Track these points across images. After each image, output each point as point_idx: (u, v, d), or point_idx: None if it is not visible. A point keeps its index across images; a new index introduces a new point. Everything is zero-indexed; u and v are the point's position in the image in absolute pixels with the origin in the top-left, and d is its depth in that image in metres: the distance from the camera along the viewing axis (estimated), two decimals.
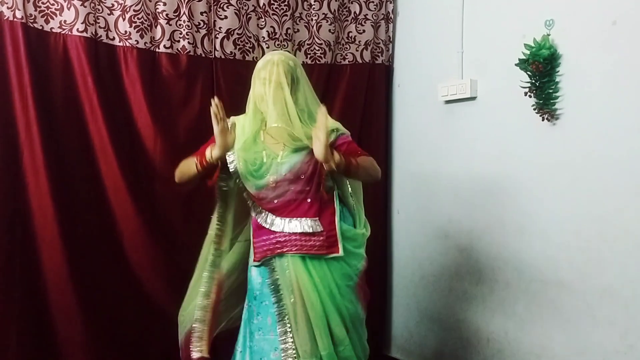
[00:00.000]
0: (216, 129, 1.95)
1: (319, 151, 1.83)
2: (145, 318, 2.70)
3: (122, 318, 2.65)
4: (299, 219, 1.99)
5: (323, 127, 1.81)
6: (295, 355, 1.94)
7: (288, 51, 2.89)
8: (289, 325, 1.96)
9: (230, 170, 2.05)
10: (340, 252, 2.01)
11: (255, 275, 2.07)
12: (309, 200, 2.00)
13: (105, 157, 2.59)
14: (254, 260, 2.07)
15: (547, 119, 2.33)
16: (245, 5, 2.89)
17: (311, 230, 1.98)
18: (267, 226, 2.02)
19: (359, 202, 2.17)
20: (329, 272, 2.00)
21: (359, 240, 2.11)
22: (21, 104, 2.40)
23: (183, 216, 2.80)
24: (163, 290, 2.73)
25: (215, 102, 1.94)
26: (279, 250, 1.99)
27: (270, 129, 2.01)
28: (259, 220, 2.04)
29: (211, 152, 1.99)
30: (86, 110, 2.56)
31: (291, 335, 1.96)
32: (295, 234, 1.98)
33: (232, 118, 2.09)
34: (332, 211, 2.04)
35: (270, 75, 1.95)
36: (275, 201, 2.00)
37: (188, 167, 2.07)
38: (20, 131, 2.41)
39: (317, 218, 2.00)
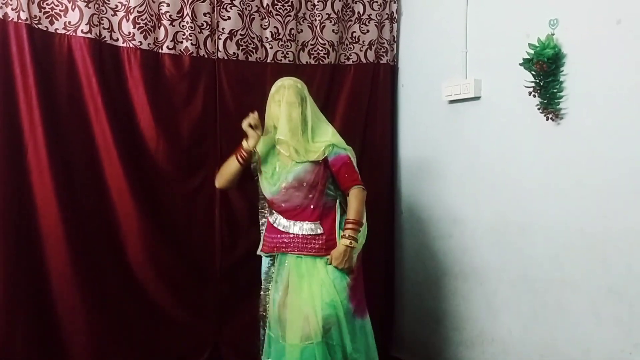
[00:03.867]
0: (247, 124, 2.28)
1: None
2: (148, 317, 2.71)
3: (125, 317, 2.66)
4: (302, 222, 2.29)
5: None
6: (282, 339, 2.24)
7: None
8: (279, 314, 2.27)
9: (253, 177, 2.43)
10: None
11: (264, 263, 2.43)
12: (312, 206, 2.29)
13: (109, 157, 2.60)
14: (262, 250, 2.40)
15: (551, 118, 2.33)
16: (248, 6, 2.89)
17: (312, 233, 2.27)
18: (277, 226, 2.32)
19: None
20: (323, 270, 2.25)
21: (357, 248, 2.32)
22: (26, 105, 2.41)
23: (185, 215, 2.81)
24: (166, 289, 2.74)
25: (254, 115, 2.29)
26: (283, 249, 2.31)
27: (278, 140, 2.28)
28: (270, 220, 2.36)
29: (247, 143, 2.30)
30: (90, 110, 2.57)
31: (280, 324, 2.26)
32: (297, 235, 2.28)
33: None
34: (334, 218, 2.32)
35: (282, 96, 2.29)
36: (283, 205, 2.30)
37: (228, 165, 2.37)
38: (24, 131, 2.42)
39: (318, 222, 2.29)
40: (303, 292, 2.23)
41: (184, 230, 2.81)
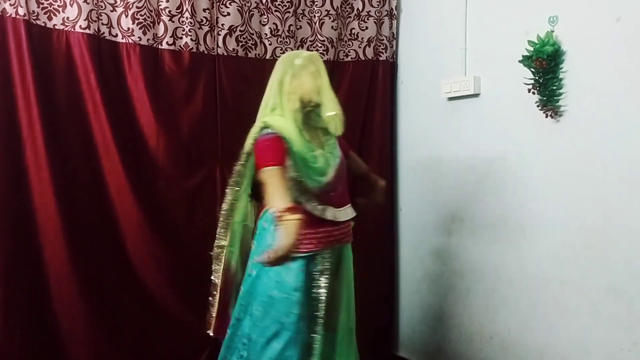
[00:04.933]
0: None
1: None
2: (147, 314, 2.70)
3: (124, 314, 2.65)
4: (346, 207, 2.15)
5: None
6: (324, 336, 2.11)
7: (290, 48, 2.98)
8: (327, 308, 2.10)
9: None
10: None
11: (298, 267, 2.04)
12: (346, 190, 2.19)
13: (108, 153, 2.59)
14: (306, 250, 2.03)
15: (550, 115, 2.33)
16: (247, 2, 2.88)
17: (352, 216, 2.17)
18: (327, 217, 2.06)
19: None
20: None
21: None
22: (24, 101, 2.40)
23: (185, 213, 2.80)
24: (165, 286, 2.73)
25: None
26: (345, 240, 2.18)
27: (328, 117, 2.05)
28: (317, 213, 2.04)
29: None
30: (89, 107, 2.55)
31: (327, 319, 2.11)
32: (347, 222, 2.16)
33: (277, 127, 2.02)
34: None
35: (319, 68, 2.05)
36: (332, 193, 2.09)
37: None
38: (22, 128, 2.40)
39: (350, 204, 2.20)
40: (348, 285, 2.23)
41: (184, 228, 2.80)
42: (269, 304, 2.04)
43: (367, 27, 3.17)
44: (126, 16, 2.61)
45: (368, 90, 3.19)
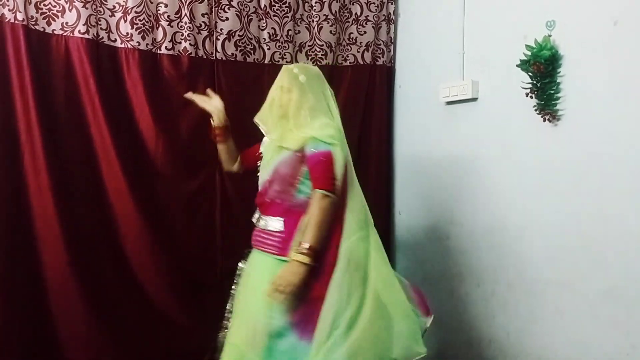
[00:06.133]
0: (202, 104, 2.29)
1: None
2: (147, 319, 2.70)
3: (123, 317, 2.65)
4: (266, 217, 2.11)
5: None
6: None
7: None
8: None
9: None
10: (289, 259, 1.97)
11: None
12: (278, 200, 2.07)
13: (107, 158, 2.59)
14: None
15: (548, 120, 2.33)
16: (246, 7, 2.89)
17: (272, 229, 2.06)
18: (254, 221, 2.17)
19: (350, 210, 2.09)
20: (272, 272, 1.98)
21: None
22: (22, 106, 2.40)
23: (185, 217, 2.80)
24: (165, 290, 2.73)
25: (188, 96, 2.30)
26: (253, 244, 2.16)
27: (255, 122, 2.16)
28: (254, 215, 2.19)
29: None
30: (88, 112, 2.56)
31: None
32: (262, 230, 2.11)
33: None
34: (298, 217, 2.02)
35: (277, 79, 2.16)
36: (260, 198, 2.14)
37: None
38: (21, 133, 2.41)
39: (282, 218, 2.06)
40: (249, 293, 2.08)
41: (184, 232, 2.80)
42: None
43: (365, 32, 3.18)
44: (125, 21, 2.62)
45: (366, 94, 3.21)
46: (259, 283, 2.01)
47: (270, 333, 1.96)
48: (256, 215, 2.17)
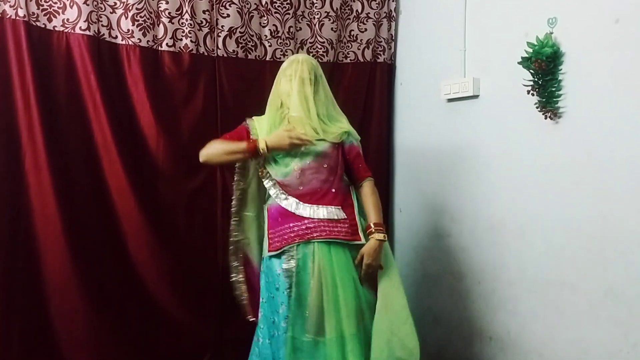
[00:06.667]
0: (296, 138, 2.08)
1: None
2: (148, 317, 2.71)
3: (125, 317, 2.66)
4: (325, 206, 2.12)
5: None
6: (316, 336, 2.05)
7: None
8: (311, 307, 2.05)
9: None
10: (363, 240, 2.14)
11: (277, 265, 2.13)
12: (333, 190, 2.15)
13: (109, 155, 2.59)
14: (273, 250, 2.13)
15: (549, 117, 2.33)
16: (247, 4, 2.89)
17: (336, 217, 2.11)
18: (295, 211, 2.11)
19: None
20: (350, 260, 2.12)
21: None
22: (23, 103, 2.40)
23: (186, 215, 2.80)
24: (166, 289, 2.73)
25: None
26: (308, 236, 2.08)
27: (292, 118, 2.14)
28: (284, 206, 2.13)
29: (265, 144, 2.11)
30: (89, 108, 2.56)
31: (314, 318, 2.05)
32: (323, 220, 2.10)
33: (255, 118, 2.28)
34: (352, 203, 2.20)
35: (295, 72, 2.13)
36: (301, 188, 2.13)
37: (229, 153, 2.17)
38: (22, 130, 2.41)
39: (340, 207, 2.14)
40: (344, 283, 2.08)
41: (185, 230, 2.80)
42: (263, 304, 2.19)
43: (366, 29, 3.18)
44: (126, 18, 2.62)
45: (367, 91, 3.20)
46: (345, 271, 2.09)
47: (371, 310, 2.11)
48: (298, 205, 2.12)
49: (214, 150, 2.19)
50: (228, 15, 2.83)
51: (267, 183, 2.20)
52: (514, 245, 2.54)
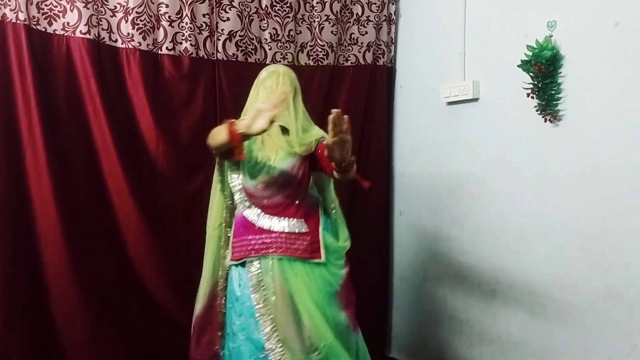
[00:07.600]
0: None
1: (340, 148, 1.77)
2: (148, 317, 2.71)
3: (124, 318, 2.66)
4: (287, 218, 2.08)
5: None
6: (282, 353, 1.99)
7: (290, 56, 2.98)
8: (274, 325, 2.01)
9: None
10: (322, 259, 2.07)
11: (236, 276, 2.13)
12: (297, 202, 2.10)
13: (108, 158, 2.59)
14: (233, 259, 2.13)
15: (549, 120, 2.33)
16: (247, 7, 2.89)
17: (297, 231, 2.06)
18: (256, 223, 2.09)
19: (339, 216, 2.25)
20: (311, 276, 2.05)
21: (340, 252, 2.16)
22: (24, 106, 2.40)
23: (185, 217, 2.80)
24: (166, 290, 2.73)
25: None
26: (263, 251, 2.05)
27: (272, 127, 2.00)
28: (247, 215, 2.11)
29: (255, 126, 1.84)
30: (89, 111, 2.56)
31: (276, 335, 2.00)
32: (282, 234, 2.05)
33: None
34: (317, 219, 2.13)
35: (277, 84, 2.07)
36: (265, 201, 2.09)
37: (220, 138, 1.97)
38: (23, 133, 2.41)
39: (303, 219, 2.09)
40: (309, 295, 2.02)
41: (184, 231, 2.80)
42: (227, 312, 2.18)
43: (366, 32, 3.18)
44: (126, 21, 2.62)
45: (367, 94, 3.21)
46: (310, 288, 2.02)
47: (340, 331, 2.04)
48: (261, 217, 2.09)
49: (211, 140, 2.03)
50: (228, 19, 2.84)
51: (235, 186, 2.15)
52: (514, 247, 2.54)
